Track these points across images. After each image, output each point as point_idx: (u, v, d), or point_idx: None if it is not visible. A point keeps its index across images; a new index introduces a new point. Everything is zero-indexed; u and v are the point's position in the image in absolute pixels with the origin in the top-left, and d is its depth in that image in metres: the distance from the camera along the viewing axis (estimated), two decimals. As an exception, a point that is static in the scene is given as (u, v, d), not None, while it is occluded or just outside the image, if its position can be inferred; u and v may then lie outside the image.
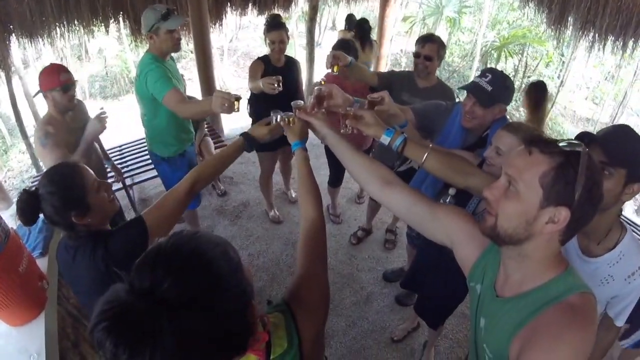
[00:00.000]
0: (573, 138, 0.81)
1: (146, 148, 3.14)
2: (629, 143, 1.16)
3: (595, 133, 1.23)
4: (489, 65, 9.78)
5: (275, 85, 2.33)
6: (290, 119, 1.38)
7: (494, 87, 1.69)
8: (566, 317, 0.79)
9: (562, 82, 10.87)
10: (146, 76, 2.22)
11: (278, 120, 1.41)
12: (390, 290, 2.92)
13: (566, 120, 11.88)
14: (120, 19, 4.25)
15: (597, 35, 5.12)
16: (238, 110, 1.68)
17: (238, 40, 14.49)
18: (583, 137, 1.19)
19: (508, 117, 1.89)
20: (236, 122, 5.38)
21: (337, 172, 3.31)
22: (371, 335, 2.60)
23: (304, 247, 1.06)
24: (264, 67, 2.77)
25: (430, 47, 2.40)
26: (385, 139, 1.32)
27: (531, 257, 0.86)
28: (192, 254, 0.64)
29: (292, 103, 1.44)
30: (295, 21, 11.81)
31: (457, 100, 2.40)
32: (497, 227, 0.85)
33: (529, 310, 0.85)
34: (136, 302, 0.56)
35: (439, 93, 2.47)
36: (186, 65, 11.17)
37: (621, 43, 5.07)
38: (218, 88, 6.81)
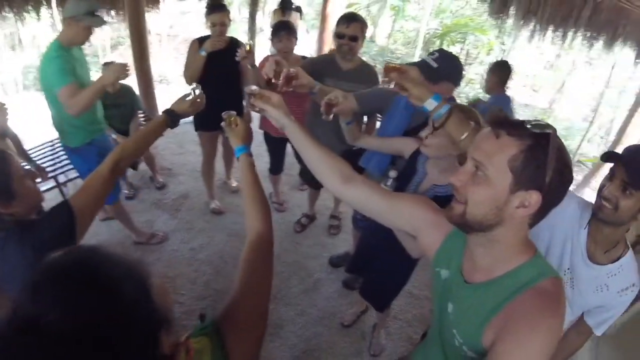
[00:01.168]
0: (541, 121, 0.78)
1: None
2: None
3: (620, 153, 1.22)
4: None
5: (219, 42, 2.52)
6: (232, 119, 1.27)
7: (441, 64, 1.67)
8: (539, 303, 0.79)
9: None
10: (47, 66, 2.17)
11: (196, 93, 1.35)
12: (338, 276, 2.90)
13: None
14: (54, 4, 3.94)
15: (538, 25, 5.29)
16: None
17: (179, 25, 13.86)
18: (609, 156, 1.22)
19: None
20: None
21: (277, 159, 3.23)
22: (321, 322, 2.56)
23: (246, 261, 0.95)
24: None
25: (355, 26, 2.29)
26: (431, 103, 1.23)
27: (501, 242, 0.84)
28: (87, 276, 0.52)
29: (245, 88, 1.35)
30: (238, 6, 11.46)
31: (380, 80, 2.39)
32: (466, 214, 0.82)
33: (501, 297, 0.84)
34: (16, 337, 0.46)
35: (364, 74, 2.43)
36: (124, 52, 10.52)
37: (561, 33, 5.33)
38: (156, 77, 6.51)
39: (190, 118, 3.05)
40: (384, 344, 2.48)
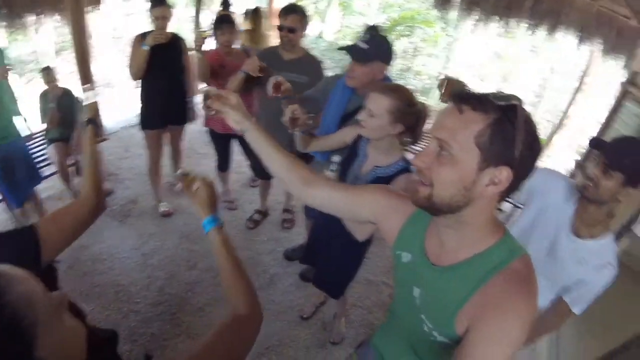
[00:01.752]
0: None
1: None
2: (632, 153, 1.28)
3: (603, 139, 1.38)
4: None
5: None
6: (189, 179, 1.12)
7: (371, 45, 1.76)
8: (513, 285, 0.78)
9: (448, 61, 11.69)
10: None
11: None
12: (294, 269, 2.89)
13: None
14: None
15: (482, 15, 5.44)
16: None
17: (123, 28, 13.37)
18: (594, 142, 1.37)
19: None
20: (121, 114, 4.95)
21: (224, 156, 3.21)
22: (280, 317, 2.54)
23: (214, 341, 0.84)
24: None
25: (292, 18, 2.38)
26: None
27: (470, 223, 0.82)
28: None
29: (202, 90, 1.28)
30: (184, 5, 11.18)
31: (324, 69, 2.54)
32: (432, 196, 0.77)
33: (472, 280, 0.82)
34: None
35: (306, 64, 2.50)
36: (68, 56, 10.02)
37: (505, 23, 5.44)
38: (100, 80, 6.29)
39: (136, 119, 3.01)
40: (344, 332, 2.49)
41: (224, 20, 2.75)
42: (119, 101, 6.09)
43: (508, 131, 0.71)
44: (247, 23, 4.16)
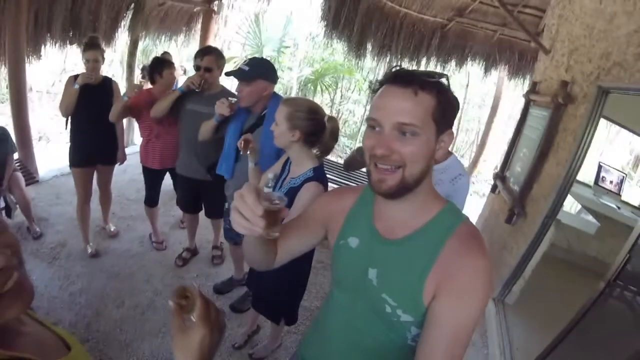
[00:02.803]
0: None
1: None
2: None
3: None
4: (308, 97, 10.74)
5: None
6: (185, 302, 0.73)
7: (251, 66, 2.09)
8: (468, 245, 0.84)
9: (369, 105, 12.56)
10: None
11: None
12: (224, 302, 2.99)
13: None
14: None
15: (393, 58, 5.97)
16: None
17: (61, 84, 13.24)
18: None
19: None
20: (53, 161, 4.96)
21: (154, 190, 3.33)
22: (211, 348, 2.62)
23: None
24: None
25: (208, 59, 2.60)
26: None
27: (421, 192, 0.87)
28: None
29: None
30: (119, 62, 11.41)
31: None
32: (405, 177, 0.82)
33: (432, 245, 0.85)
34: None
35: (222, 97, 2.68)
36: (3, 109, 9.73)
37: (415, 62, 6.01)
38: (35, 134, 6.25)
39: (66, 165, 3.11)
40: (269, 351, 2.56)
41: (159, 62, 3.02)
42: (53, 153, 6.09)
43: (449, 101, 0.83)
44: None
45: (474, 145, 12.28)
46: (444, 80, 0.82)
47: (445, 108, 0.82)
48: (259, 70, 2.13)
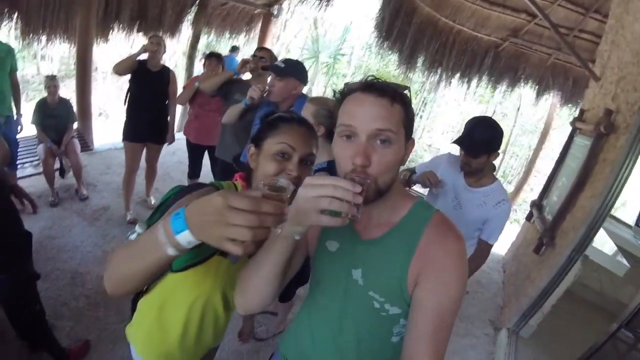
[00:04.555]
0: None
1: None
2: (479, 141, 1.88)
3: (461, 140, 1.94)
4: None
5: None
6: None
7: (286, 64, 2.26)
8: (443, 231, 0.89)
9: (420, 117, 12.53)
10: None
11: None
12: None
13: (427, 153, 13.35)
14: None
15: (444, 73, 5.90)
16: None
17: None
18: (457, 142, 1.94)
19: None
20: (109, 136, 5.32)
21: (195, 164, 3.74)
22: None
23: None
24: (137, 66, 3.18)
25: (264, 51, 2.82)
26: None
27: (393, 192, 0.90)
28: None
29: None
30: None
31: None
32: (379, 185, 0.83)
33: (412, 236, 0.89)
34: None
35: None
36: (69, 84, 10.53)
37: (466, 80, 5.88)
38: (96, 111, 6.73)
39: (120, 140, 3.39)
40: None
41: (212, 55, 3.50)
42: (110, 128, 6.51)
43: (411, 111, 0.88)
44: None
45: (522, 172, 11.92)
46: (406, 92, 0.88)
47: (410, 118, 0.87)
48: (293, 69, 2.27)
